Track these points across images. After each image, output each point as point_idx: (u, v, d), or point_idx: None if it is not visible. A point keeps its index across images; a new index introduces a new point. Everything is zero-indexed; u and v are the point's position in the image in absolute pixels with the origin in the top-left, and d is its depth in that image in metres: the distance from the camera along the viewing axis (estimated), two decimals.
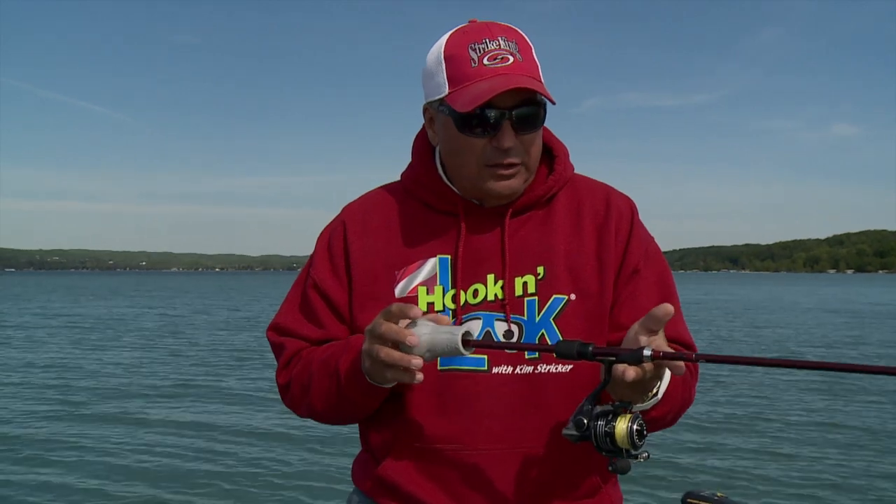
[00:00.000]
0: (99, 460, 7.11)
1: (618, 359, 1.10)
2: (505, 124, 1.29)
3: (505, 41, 1.31)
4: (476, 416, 1.33)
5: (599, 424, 1.11)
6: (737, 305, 37.12)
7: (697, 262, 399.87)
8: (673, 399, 1.29)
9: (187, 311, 32.21)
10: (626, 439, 1.10)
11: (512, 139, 1.30)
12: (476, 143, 1.32)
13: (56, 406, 9.88)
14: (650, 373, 1.12)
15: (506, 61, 1.29)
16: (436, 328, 1.19)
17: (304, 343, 1.45)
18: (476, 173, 1.35)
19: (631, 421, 1.11)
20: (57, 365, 13.94)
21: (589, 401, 1.14)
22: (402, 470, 1.37)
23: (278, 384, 1.47)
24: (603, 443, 1.11)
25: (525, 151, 1.33)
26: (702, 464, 6.95)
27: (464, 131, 1.32)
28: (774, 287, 75.52)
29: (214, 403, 10.10)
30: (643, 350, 1.08)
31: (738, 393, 10.66)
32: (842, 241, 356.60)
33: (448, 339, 1.17)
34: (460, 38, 1.33)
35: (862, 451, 7.48)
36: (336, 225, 1.49)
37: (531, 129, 1.32)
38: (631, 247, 1.41)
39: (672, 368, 1.12)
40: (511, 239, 1.39)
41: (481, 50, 1.30)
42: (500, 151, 1.31)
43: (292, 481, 6.53)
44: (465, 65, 1.31)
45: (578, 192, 1.45)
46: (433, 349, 1.19)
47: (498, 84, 1.26)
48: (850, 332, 21.54)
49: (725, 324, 24.65)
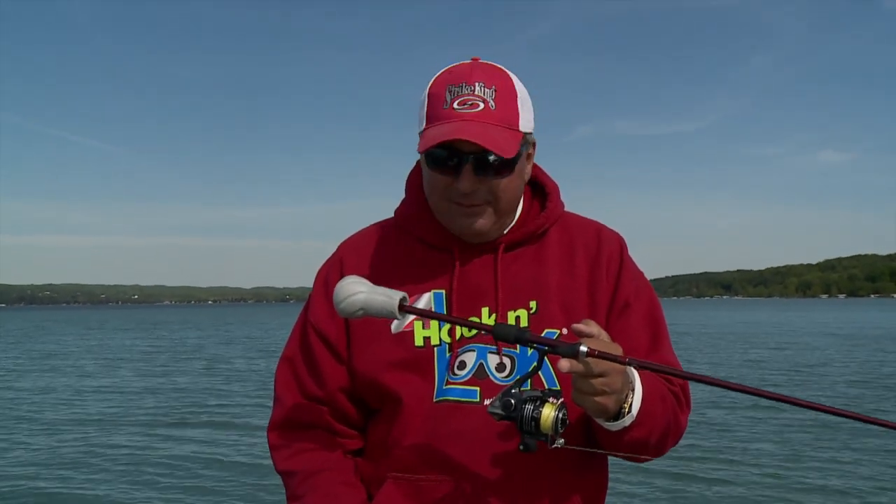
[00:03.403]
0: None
1: (553, 350, 1.15)
2: (465, 168, 1.32)
3: (482, 87, 1.33)
4: (467, 448, 1.34)
5: (527, 408, 1.16)
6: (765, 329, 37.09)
7: (690, 289, 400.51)
8: (653, 419, 1.29)
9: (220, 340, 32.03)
10: (551, 426, 1.15)
11: (471, 182, 1.32)
12: (442, 180, 1.35)
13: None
14: (588, 371, 1.14)
15: (475, 107, 1.31)
16: (373, 288, 1.21)
17: (309, 408, 1.45)
18: (445, 210, 1.39)
19: (557, 409, 1.16)
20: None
21: (517, 384, 1.19)
22: (390, 501, 1.37)
23: (270, 440, 1.49)
24: (527, 425, 1.16)
25: (492, 195, 1.35)
26: (685, 490, 6.92)
27: (432, 168, 1.36)
28: (783, 313, 75.62)
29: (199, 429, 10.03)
30: (579, 345, 1.11)
31: (724, 421, 10.63)
32: (833, 267, 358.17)
33: (384, 302, 1.20)
34: (445, 77, 1.37)
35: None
36: (332, 263, 1.52)
37: (495, 175, 1.33)
38: (622, 282, 1.45)
39: (560, 366, 1.12)
40: (504, 273, 1.41)
41: (456, 93, 1.33)
42: (460, 193, 1.34)
43: None
44: (439, 105, 1.34)
45: (570, 229, 1.49)
46: (367, 308, 1.20)
47: (451, 130, 1.29)
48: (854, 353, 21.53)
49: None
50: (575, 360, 1.12)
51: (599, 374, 1.16)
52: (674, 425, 1.37)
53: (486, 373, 1.37)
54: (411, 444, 1.36)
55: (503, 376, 1.37)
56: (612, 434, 1.27)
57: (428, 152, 1.34)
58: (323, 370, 1.45)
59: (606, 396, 1.19)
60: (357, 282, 1.22)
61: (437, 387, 1.37)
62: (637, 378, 1.27)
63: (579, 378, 1.16)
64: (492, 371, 1.37)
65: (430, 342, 1.39)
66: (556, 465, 1.36)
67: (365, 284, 1.22)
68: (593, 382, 1.16)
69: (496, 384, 1.36)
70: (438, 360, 1.38)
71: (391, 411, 1.40)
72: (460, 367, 1.38)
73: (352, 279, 1.23)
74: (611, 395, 1.19)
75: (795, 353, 22.60)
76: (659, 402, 1.31)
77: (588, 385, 1.16)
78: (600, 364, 1.14)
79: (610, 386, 1.18)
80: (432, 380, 1.38)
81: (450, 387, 1.37)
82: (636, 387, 1.26)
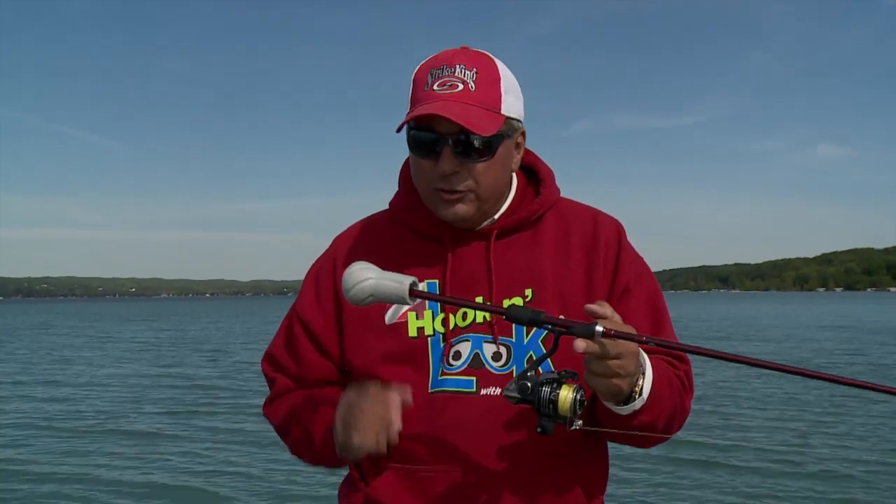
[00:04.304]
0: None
1: (568, 331, 1.13)
2: (445, 150, 1.31)
3: (463, 69, 1.32)
4: (465, 438, 1.34)
5: (544, 391, 1.14)
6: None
7: (688, 282, 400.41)
8: (661, 402, 1.28)
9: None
10: (569, 408, 1.14)
11: (451, 164, 1.31)
12: (424, 164, 1.35)
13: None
14: (604, 352, 1.13)
15: (454, 88, 1.30)
16: (382, 274, 1.20)
17: (290, 382, 1.49)
18: (428, 195, 1.38)
19: (575, 391, 1.15)
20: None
21: (533, 366, 1.17)
22: (389, 491, 1.38)
23: (264, 414, 1.54)
24: (545, 408, 1.14)
25: (472, 179, 1.33)
26: (693, 480, 6.94)
27: (414, 152, 1.36)
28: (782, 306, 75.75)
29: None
30: (595, 325, 1.10)
31: (727, 411, 10.65)
32: (830, 260, 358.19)
33: (395, 287, 1.18)
34: (429, 62, 1.36)
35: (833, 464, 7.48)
36: (325, 259, 1.52)
37: (477, 157, 1.32)
38: (621, 267, 1.43)
39: (576, 346, 1.11)
40: (498, 261, 1.40)
41: (437, 75, 1.32)
42: (441, 177, 1.33)
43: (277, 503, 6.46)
44: (420, 88, 1.34)
45: (565, 216, 1.48)
46: (377, 294, 1.19)
47: (426, 109, 1.28)
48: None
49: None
50: (591, 341, 1.11)
51: (615, 356, 1.14)
52: (680, 409, 1.36)
53: (482, 362, 1.37)
54: (409, 436, 1.35)
55: (499, 365, 1.36)
56: (621, 418, 1.26)
57: (410, 136, 1.34)
58: (304, 360, 1.47)
59: (620, 379, 1.17)
60: (366, 268, 1.21)
61: (432, 378, 1.37)
62: (647, 361, 1.26)
63: (594, 360, 1.14)
64: (488, 360, 1.37)
65: (424, 332, 1.38)
66: (556, 453, 1.36)
67: (374, 270, 1.20)
68: (609, 364, 1.14)
69: (493, 374, 1.35)
70: (433, 350, 1.38)
71: None
72: (455, 357, 1.37)
73: (360, 265, 1.22)
74: (624, 378, 1.18)
75: (794, 347, 22.63)
76: (667, 385, 1.30)
77: (603, 366, 1.15)
78: (616, 345, 1.13)
79: (624, 368, 1.17)
80: (427, 371, 1.37)
81: (445, 377, 1.36)
82: (646, 370, 1.25)
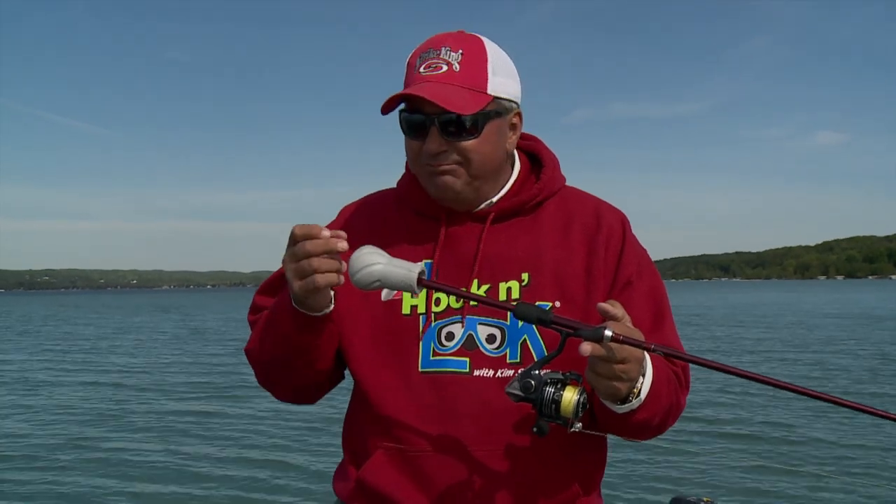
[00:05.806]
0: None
1: (576, 333, 1.11)
2: (431, 130, 1.32)
3: (448, 51, 1.34)
4: (456, 419, 1.34)
5: (548, 390, 1.12)
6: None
7: (689, 271, 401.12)
8: (659, 400, 1.28)
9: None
10: (572, 410, 1.12)
11: (436, 144, 1.33)
12: (414, 144, 1.37)
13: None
14: (610, 357, 1.11)
15: (438, 69, 1.33)
16: (391, 260, 1.19)
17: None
18: (421, 174, 1.40)
19: (579, 393, 1.13)
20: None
21: (537, 365, 1.15)
22: (381, 473, 1.37)
23: (245, 353, 1.49)
24: (547, 408, 1.12)
25: (462, 157, 1.35)
26: (689, 467, 6.95)
27: (405, 135, 1.37)
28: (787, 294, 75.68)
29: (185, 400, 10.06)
30: (604, 329, 1.08)
31: (725, 401, 10.67)
32: (831, 248, 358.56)
33: (403, 275, 1.17)
34: (421, 46, 1.38)
35: (848, 463, 7.49)
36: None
37: (465, 136, 1.33)
38: (624, 260, 1.43)
39: (581, 350, 1.09)
40: (494, 244, 1.41)
41: (424, 58, 1.35)
42: (429, 155, 1.34)
43: (272, 496, 6.49)
44: (410, 72, 1.36)
45: (568, 204, 1.47)
46: (384, 280, 1.18)
47: (406, 91, 1.31)
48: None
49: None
50: (598, 345, 1.09)
51: (620, 361, 1.13)
52: (675, 406, 1.36)
53: (475, 344, 1.36)
54: (398, 415, 1.35)
55: (493, 348, 1.36)
56: (617, 415, 1.26)
57: (401, 119, 1.36)
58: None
59: (622, 382, 1.17)
60: (374, 252, 1.19)
61: (422, 357, 1.37)
62: (649, 363, 1.25)
63: (598, 361, 1.13)
64: (482, 342, 1.36)
65: (417, 311, 1.39)
66: (550, 436, 1.35)
67: (383, 255, 1.19)
68: (613, 367, 1.14)
69: (486, 356, 1.35)
70: (425, 329, 1.38)
71: (376, 381, 1.39)
72: (448, 338, 1.37)
73: (369, 249, 1.20)
74: (626, 382, 1.18)
75: (796, 335, 22.65)
76: (665, 384, 1.30)
77: (607, 369, 1.14)
78: (622, 350, 1.12)
79: (628, 373, 1.16)
80: (417, 349, 1.37)
81: (437, 357, 1.36)
82: (647, 371, 1.24)
